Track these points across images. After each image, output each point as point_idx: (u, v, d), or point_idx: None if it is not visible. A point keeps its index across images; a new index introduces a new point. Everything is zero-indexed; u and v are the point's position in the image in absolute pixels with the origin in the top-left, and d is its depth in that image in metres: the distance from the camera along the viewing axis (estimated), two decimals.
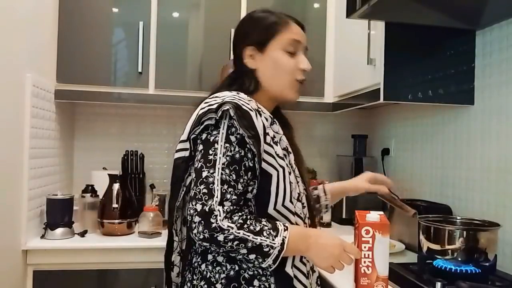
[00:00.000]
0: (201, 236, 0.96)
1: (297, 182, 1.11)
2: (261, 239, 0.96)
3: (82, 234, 1.90)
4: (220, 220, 0.95)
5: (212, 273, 1.04)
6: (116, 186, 1.94)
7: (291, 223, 1.04)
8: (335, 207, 2.13)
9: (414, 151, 2.08)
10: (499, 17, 1.51)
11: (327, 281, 1.39)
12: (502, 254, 1.39)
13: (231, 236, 0.95)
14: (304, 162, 1.24)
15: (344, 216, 2.26)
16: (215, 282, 1.03)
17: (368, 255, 1.12)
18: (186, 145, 1.07)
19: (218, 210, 0.96)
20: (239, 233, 0.95)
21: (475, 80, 1.65)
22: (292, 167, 1.10)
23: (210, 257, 1.05)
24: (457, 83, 1.66)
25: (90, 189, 2.04)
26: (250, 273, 1.02)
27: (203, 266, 1.06)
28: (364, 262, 1.12)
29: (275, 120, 1.11)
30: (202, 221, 0.95)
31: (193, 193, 0.99)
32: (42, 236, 1.85)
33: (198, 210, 0.96)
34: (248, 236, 0.96)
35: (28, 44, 1.75)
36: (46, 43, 1.97)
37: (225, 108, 1.00)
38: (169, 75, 2.15)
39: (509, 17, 1.48)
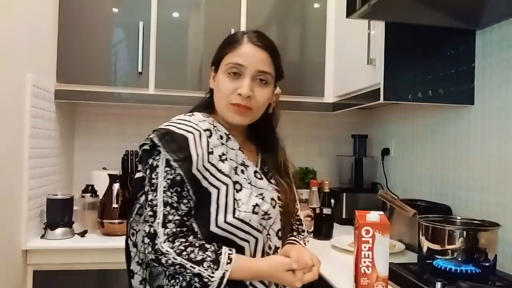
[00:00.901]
0: (150, 257, 1.03)
1: (260, 195, 1.09)
2: (199, 270, 0.98)
3: (82, 234, 1.90)
4: (161, 242, 1.00)
5: (168, 286, 1.09)
6: (116, 186, 1.94)
7: (240, 238, 1.05)
8: (335, 207, 2.13)
9: (414, 151, 2.08)
10: (499, 17, 1.51)
11: (327, 281, 1.39)
12: (502, 254, 1.39)
13: (170, 261, 1.00)
14: (283, 173, 1.22)
15: (344, 216, 2.25)
16: None
17: (368, 255, 1.12)
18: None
19: (160, 232, 1.01)
20: (176, 259, 0.99)
21: (475, 80, 1.65)
22: (250, 182, 1.10)
23: (167, 271, 1.10)
24: (457, 83, 1.66)
25: (90, 189, 2.04)
26: (202, 282, 1.02)
27: (164, 280, 1.12)
28: (364, 262, 1.12)
29: (230, 136, 1.12)
30: (150, 243, 1.02)
31: (144, 215, 1.06)
32: (42, 236, 1.85)
33: (146, 231, 1.03)
34: (186, 264, 0.99)
35: (28, 44, 1.75)
36: (46, 43, 1.97)
37: (151, 136, 1.06)
38: (169, 75, 2.15)
39: (509, 17, 1.48)
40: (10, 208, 1.65)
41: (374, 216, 1.15)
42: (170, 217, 1.01)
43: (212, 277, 0.98)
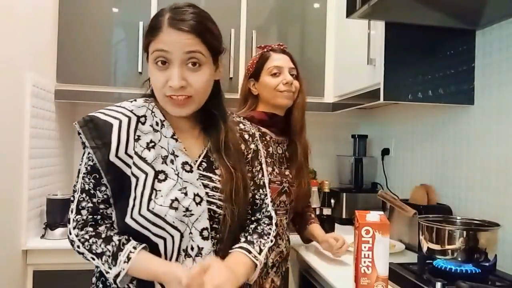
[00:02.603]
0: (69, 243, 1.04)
1: (183, 189, 1.00)
2: (97, 262, 0.99)
3: None
4: (70, 228, 1.02)
5: (94, 266, 1.08)
6: None
7: (154, 234, 0.97)
8: (335, 207, 2.13)
9: (414, 151, 2.08)
10: (499, 17, 1.51)
11: (327, 281, 1.39)
12: (502, 254, 1.39)
13: (76, 250, 1.02)
14: (223, 155, 1.08)
15: (344, 216, 2.25)
16: (93, 275, 1.11)
17: (368, 255, 1.12)
18: None
19: (71, 219, 1.02)
20: (79, 248, 1.01)
21: (475, 80, 1.65)
22: (178, 173, 1.01)
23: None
24: (457, 83, 1.66)
25: None
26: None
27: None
28: (364, 262, 1.12)
29: (164, 123, 1.06)
30: (68, 228, 1.03)
31: None
32: (42, 236, 1.85)
33: (68, 217, 1.04)
34: (87, 255, 1.00)
35: (28, 44, 1.75)
36: (46, 43, 1.97)
37: (74, 123, 1.04)
38: None
39: (509, 17, 1.48)
40: (10, 208, 1.65)
41: (374, 216, 1.15)
42: (84, 204, 1.01)
43: (107, 272, 0.97)
